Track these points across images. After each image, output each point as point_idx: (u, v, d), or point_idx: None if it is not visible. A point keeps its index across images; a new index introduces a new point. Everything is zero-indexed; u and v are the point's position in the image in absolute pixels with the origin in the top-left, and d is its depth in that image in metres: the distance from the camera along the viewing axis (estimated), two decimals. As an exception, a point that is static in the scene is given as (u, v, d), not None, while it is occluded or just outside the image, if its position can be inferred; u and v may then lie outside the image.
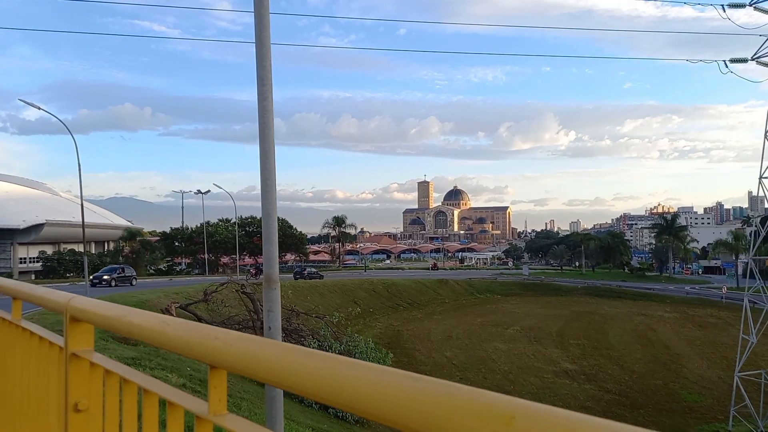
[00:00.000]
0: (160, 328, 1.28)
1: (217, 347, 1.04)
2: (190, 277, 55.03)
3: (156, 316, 1.37)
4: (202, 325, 1.23)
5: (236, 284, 23.28)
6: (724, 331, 45.31)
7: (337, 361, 0.82)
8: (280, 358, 0.90)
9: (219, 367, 1.07)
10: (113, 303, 1.86)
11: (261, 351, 0.94)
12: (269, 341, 1.01)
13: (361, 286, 56.50)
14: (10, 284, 2.64)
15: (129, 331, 1.44)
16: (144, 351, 13.07)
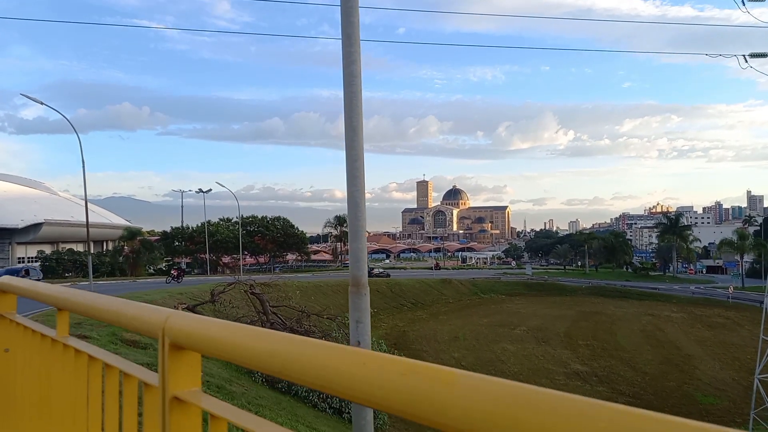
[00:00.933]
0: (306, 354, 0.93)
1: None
2: (192, 278, 54.28)
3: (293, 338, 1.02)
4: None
5: (243, 284, 22.66)
6: (734, 331, 44.86)
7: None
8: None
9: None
10: (220, 320, 1.22)
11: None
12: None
13: (365, 285, 55.73)
14: (83, 299, 1.96)
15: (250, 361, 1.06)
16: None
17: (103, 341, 13.12)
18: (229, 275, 60.91)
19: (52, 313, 2.14)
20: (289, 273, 65.46)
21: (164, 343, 1.25)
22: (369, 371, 0.75)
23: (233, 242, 71.73)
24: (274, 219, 79.66)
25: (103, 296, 1.77)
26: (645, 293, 65.84)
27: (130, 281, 46.60)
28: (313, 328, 20.29)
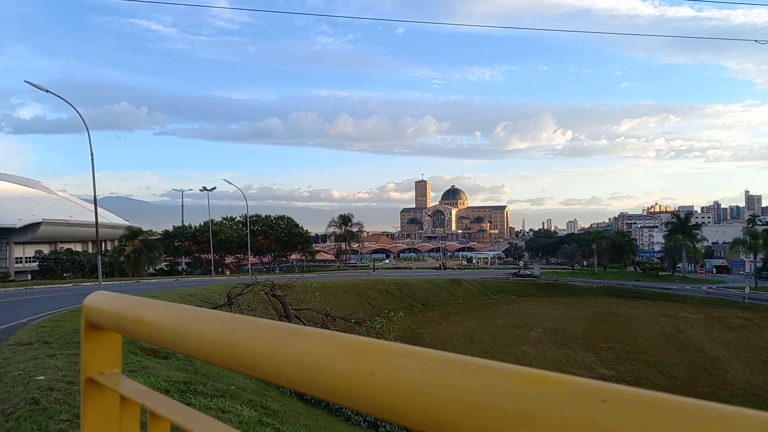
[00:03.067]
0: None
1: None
2: (196, 278, 52.84)
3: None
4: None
5: (262, 285, 21.20)
6: (756, 333, 43.66)
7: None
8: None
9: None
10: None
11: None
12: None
13: (374, 286, 54.54)
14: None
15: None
16: (192, 370, 11.00)
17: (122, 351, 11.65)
18: (233, 276, 59.52)
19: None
20: (295, 273, 63.96)
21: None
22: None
23: (237, 242, 70.31)
24: (278, 218, 78.22)
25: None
26: (658, 293, 64.66)
27: (134, 282, 45.08)
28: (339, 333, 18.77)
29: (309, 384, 0.60)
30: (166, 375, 8.78)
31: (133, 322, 1.03)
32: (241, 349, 0.72)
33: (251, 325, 0.77)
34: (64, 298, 27.54)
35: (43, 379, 7.39)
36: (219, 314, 0.86)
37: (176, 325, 0.92)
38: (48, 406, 6.12)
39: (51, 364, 8.57)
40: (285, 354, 0.66)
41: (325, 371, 0.60)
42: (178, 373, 9.81)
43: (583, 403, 0.45)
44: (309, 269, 79.25)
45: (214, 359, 0.79)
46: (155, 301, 1.08)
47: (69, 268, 61.46)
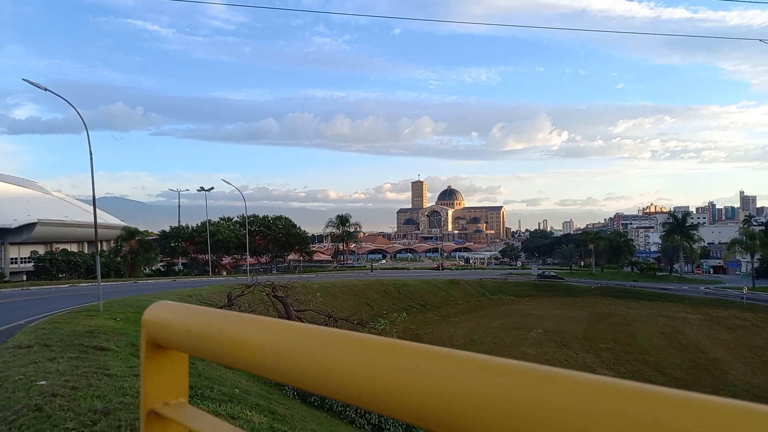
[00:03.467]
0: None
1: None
2: (193, 279, 52.48)
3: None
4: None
5: (262, 286, 20.94)
6: (756, 333, 43.61)
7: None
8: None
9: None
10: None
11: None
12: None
13: (372, 287, 54.34)
14: None
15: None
16: (195, 374, 10.73)
17: (123, 353, 11.43)
18: (230, 276, 59.16)
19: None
20: (292, 273, 63.66)
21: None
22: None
23: (234, 242, 69.95)
24: (276, 218, 77.91)
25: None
26: (656, 294, 64.67)
27: (131, 282, 44.71)
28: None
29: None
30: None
31: (205, 339, 0.88)
32: (371, 379, 0.61)
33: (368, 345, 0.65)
34: (61, 299, 27.22)
35: (45, 384, 7.13)
36: (309, 329, 0.74)
37: (263, 343, 0.77)
38: (52, 414, 5.86)
39: (52, 368, 8.31)
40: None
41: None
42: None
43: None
44: (306, 270, 78.94)
45: (320, 389, 0.67)
46: (231, 313, 0.92)
47: (65, 268, 60.99)
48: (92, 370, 8.36)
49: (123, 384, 7.49)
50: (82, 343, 11.46)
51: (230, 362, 0.83)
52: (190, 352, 0.96)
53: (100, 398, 6.56)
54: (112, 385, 7.41)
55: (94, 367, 8.76)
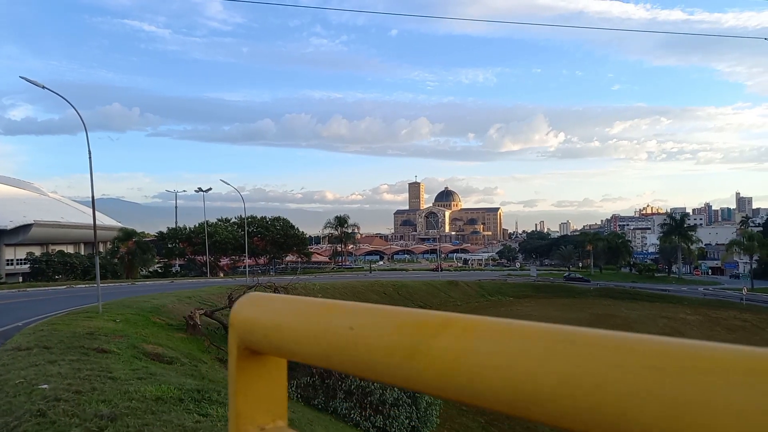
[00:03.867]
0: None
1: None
2: (191, 280, 52.12)
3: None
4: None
5: (264, 287, 20.64)
6: (756, 335, 43.55)
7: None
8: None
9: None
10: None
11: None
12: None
13: (371, 288, 54.09)
14: None
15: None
16: (199, 376, 10.48)
17: (125, 355, 11.15)
18: (228, 278, 58.83)
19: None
20: (290, 275, 63.35)
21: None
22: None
23: (232, 243, 69.61)
24: (274, 219, 77.63)
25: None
26: (655, 295, 64.58)
27: (128, 284, 44.36)
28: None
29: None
30: (177, 382, 8.26)
31: (314, 339, 0.67)
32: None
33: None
34: (59, 300, 26.89)
35: (48, 387, 6.87)
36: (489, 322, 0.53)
37: (417, 344, 0.55)
38: (56, 419, 5.60)
39: (53, 371, 8.04)
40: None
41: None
42: (187, 379, 9.30)
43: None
44: (304, 271, 78.63)
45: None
46: (355, 305, 0.69)
47: (61, 270, 60.59)
48: (95, 373, 8.09)
49: (128, 387, 7.23)
50: (82, 345, 11.18)
51: (359, 371, 0.61)
52: (293, 357, 0.72)
53: (106, 403, 6.30)
54: (116, 388, 7.15)
55: (97, 369, 8.50)
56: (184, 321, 18.80)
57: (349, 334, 0.62)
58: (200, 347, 16.73)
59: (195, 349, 16.07)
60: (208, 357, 15.91)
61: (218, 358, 16.30)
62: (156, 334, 16.24)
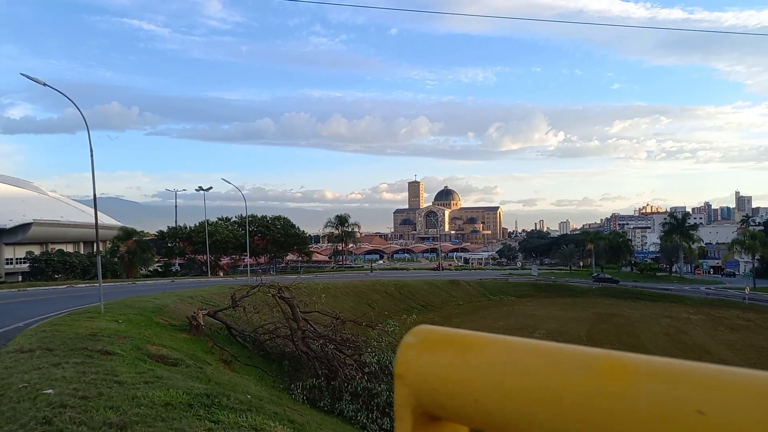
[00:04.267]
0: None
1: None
2: (192, 279, 51.86)
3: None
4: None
5: (268, 287, 20.38)
6: (760, 334, 43.30)
7: None
8: None
9: None
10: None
11: None
12: None
13: (373, 287, 53.85)
14: None
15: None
16: (205, 379, 10.24)
17: (130, 357, 10.90)
18: (228, 277, 58.52)
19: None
20: (292, 274, 63.07)
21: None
22: None
23: (233, 242, 69.32)
24: (275, 218, 77.31)
25: None
26: (657, 294, 64.34)
27: (129, 283, 44.05)
28: (353, 336, 18.10)
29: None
30: (185, 386, 8.00)
31: (535, 409, 0.51)
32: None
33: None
34: (59, 300, 26.62)
35: (52, 393, 6.61)
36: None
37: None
38: (63, 427, 5.34)
39: (58, 374, 7.78)
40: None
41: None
42: (195, 383, 9.04)
43: None
44: (305, 270, 78.34)
45: None
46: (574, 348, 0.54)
47: (60, 269, 60.34)
48: (100, 377, 7.85)
49: (136, 393, 6.98)
50: (86, 347, 10.93)
51: None
52: (483, 427, 0.52)
53: (114, 409, 6.05)
54: (124, 393, 6.90)
55: (102, 373, 8.25)
56: (186, 321, 18.54)
57: (692, 420, 0.40)
58: (204, 348, 16.47)
59: (199, 350, 15.81)
60: (213, 358, 15.65)
61: (222, 360, 16.06)
62: (159, 335, 15.99)
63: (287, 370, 17.30)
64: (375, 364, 15.88)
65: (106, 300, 20.11)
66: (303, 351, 17.36)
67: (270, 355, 18.61)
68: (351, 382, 15.34)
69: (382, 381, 15.38)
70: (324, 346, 16.99)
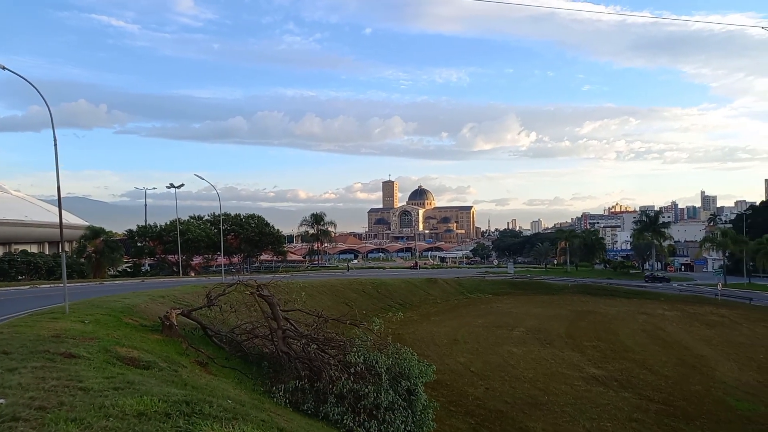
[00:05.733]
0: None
1: None
2: (163, 279, 50.24)
3: None
4: None
5: (245, 285, 19.36)
6: (734, 329, 43.85)
7: None
8: None
9: None
10: None
11: None
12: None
13: (350, 286, 53.08)
14: None
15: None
16: (181, 383, 9.31)
17: (97, 361, 9.90)
18: (201, 277, 56.97)
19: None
20: (267, 274, 61.75)
21: None
22: None
23: (205, 241, 67.55)
24: (249, 217, 75.63)
25: None
26: (632, 291, 64.98)
27: (96, 283, 42.38)
28: (337, 336, 17.27)
29: None
30: (160, 392, 7.08)
31: None
32: None
33: None
34: (22, 301, 25.19)
35: (4, 403, 5.66)
36: None
37: None
38: (14, 446, 4.43)
39: (13, 381, 6.80)
40: None
41: None
42: (171, 388, 8.12)
43: None
44: (281, 269, 76.93)
45: None
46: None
47: (24, 270, 57.85)
48: (62, 383, 6.89)
49: (103, 401, 6.06)
50: (47, 350, 9.89)
51: None
52: None
53: (77, 422, 5.13)
54: (89, 402, 5.97)
55: (65, 378, 7.28)
56: (159, 322, 17.48)
57: None
58: (178, 349, 15.45)
59: (172, 352, 14.80)
60: (187, 360, 14.64)
61: (198, 362, 15.05)
62: (129, 336, 14.95)
63: (267, 371, 16.37)
64: (361, 364, 15.09)
65: (72, 300, 18.91)
66: (284, 351, 16.46)
67: (248, 357, 17.65)
68: (336, 383, 14.51)
69: (368, 382, 14.62)
70: (306, 345, 16.13)
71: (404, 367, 15.95)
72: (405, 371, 15.87)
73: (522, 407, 24.82)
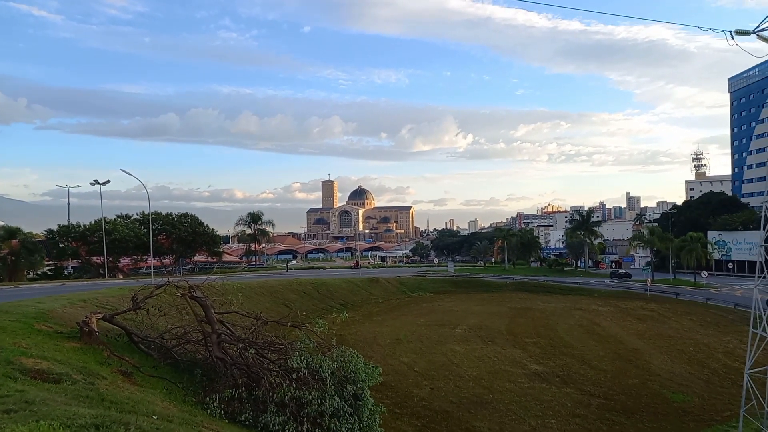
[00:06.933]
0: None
1: None
2: (87, 282, 46.89)
3: None
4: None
5: (176, 287, 17.82)
6: (663, 323, 45.50)
7: None
8: None
9: None
10: None
11: None
12: None
13: (290, 287, 51.59)
14: None
15: None
16: (98, 398, 7.98)
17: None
18: (130, 279, 53.72)
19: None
20: (201, 275, 59.05)
21: None
22: None
23: (134, 242, 63.93)
24: (181, 216, 72.28)
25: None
26: (568, 288, 66.66)
27: (11, 287, 38.92)
28: (278, 339, 16.11)
29: None
30: (64, 414, 5.83)
31: None
32: None
33: None
34: None
35: None
36: None
37: None
38: None
39: None
40: None
41: None
42: (80, 407, 6.82)
43: None
44: (216, 270, 74.00)
45: None
46: None
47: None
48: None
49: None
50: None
51: None
52: None
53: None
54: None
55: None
56: (77, 328, 15.73)
57: None
58: (98, 358, 13.85)
59: (91, 361, 13.21)
60: (108, 370, 13.09)
61: (121, 371, 13.51)
62: (40, 345, 13.25)
63: (200, 380, 15.01)
64: (304, 368, 14.05)
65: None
66: (219, 357, 15.13)
67: (179, 364, 16.17)
68: (276, 390, 13.40)
69: (312, 388, 13.60)
70: (244, 350, 14.90)
71: (350, 371, 15.00)
72: (351, 375, 14.94)
73: (468, 407, 24.44)
